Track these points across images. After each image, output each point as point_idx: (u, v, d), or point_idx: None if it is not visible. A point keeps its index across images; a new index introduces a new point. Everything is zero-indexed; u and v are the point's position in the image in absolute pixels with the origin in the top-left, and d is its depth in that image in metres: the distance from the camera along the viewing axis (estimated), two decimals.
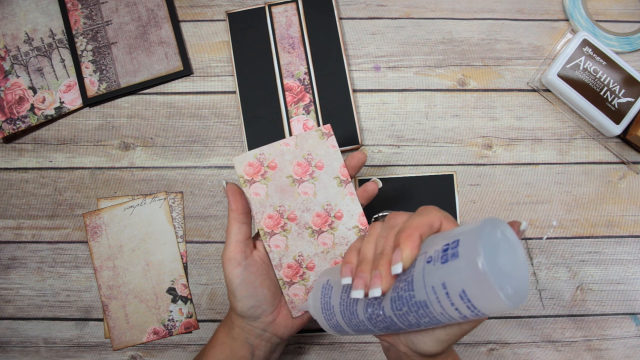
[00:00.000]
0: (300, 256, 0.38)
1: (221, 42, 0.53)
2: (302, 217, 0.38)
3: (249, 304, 0.36)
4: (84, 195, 0.51)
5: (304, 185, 0.38)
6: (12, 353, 0.50)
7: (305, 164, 0.38)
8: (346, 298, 0.30)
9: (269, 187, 0.38)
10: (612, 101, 0.49)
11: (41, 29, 0.52)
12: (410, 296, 0.25)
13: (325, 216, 0.38)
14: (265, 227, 0.38)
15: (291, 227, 0.38)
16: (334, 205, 0.39)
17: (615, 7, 0.54)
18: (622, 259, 0.51)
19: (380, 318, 0.27)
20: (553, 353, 0.50)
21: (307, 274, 0.39)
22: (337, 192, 0.38)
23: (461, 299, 0.22)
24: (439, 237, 0.26)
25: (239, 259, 0.36)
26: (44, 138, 0.52)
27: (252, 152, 0.37)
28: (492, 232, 0.23)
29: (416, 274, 0.25)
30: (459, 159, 0.51)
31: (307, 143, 0.38)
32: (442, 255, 0.24)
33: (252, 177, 0.37)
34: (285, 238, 0.38)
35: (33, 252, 0.50)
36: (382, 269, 0.26)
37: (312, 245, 0.38)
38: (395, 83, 0.52)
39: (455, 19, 0.53)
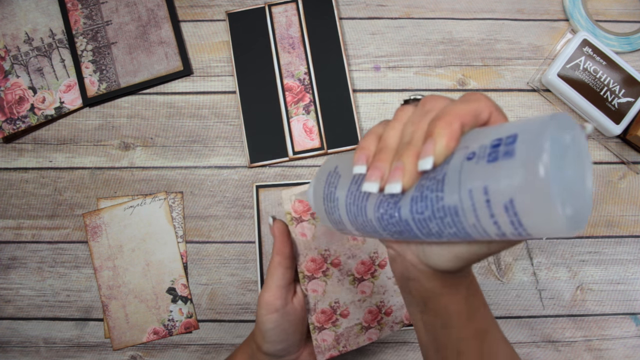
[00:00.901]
0: (336, 303, 0.36)
1: (221, 42, 0.53)
2: (347, 264, 0.36)
3: (277, 347, 0.35)
4: (84, 195, 0.51)
5: None
6: (12, 353, 0.50)
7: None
8: (355, 191, 0.24)
9: (317, 229, 0.34)
10: (612, 101, 0.49)
11: (41, 29, 0.52)
12: (437, 198, 0.20)
13: (369, 264, 0.37)
14: (306, 270, 0.35)
15: (333, 273, 0.36)
16: (381, 253, 0.37)
17: (615, 7, 0.54)
18: (622, 259, 0.51)
19: (394, 220, 0.22)
20: (553, 353, 0.50)
21: (339, 321, 0.37)
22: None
23: (505, 211, 0.17)
24: (487, 130, 0.20)
25: (278, 306, 0.33)
26: (44, 138, 0.52)
27: (305, 187, 0.33)
28: (560, 133, 0.17)
29: (450, 171, 0.19)
30: None
31: None
32: (490, 151, 0.18)
33: (300, 216, 0.34)
34: (325, 283, 0.36)
35: (33, 252, 0.50)
36: (407, 161, 0.20)
37: (351, 293, 0.37)
38: (395, 83, 0.52)
39: (455, 19, 0.53)
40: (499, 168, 0.17)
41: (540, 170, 0.16)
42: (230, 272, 0.50)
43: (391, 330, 0.39)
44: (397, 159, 0.21)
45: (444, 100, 0.22)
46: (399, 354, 0.49)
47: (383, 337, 0.39)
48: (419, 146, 0.20)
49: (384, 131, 0.23)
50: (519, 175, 0.17)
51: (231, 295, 0.50)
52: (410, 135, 0.21)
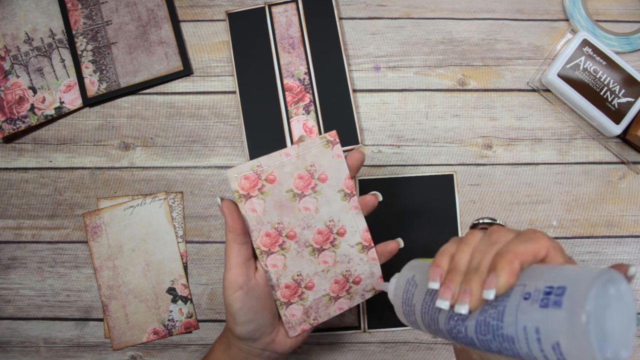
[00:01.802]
0: (299, 276, 0.36)
1: (221, 42, 0.53)
2: (302, 235, 0.35)
3: (250, 328, 0.34)
4: (84, 195, 0.51)
5: (305, 200, 0.35)
6: (12, 353, 0.50)
7: (308, 176, 0.35)
8: (429, 302, 0.28)
9: (267, 203, 0.34)
10: (612, 101, 0.49)
11: (41, 29, 0.52)
12: (497, 326, 0.23)
13: (327, 233, 0.36)
14: (262, 245, 0.35)
15: (290, 246, 0.35)
16: (337, 221, 0.36)
17: (615, 7, 0.54)
18: (622, 259, 0.51)
19: (461, 335, 0.26)
20: None
21: (305, 294, 0.36)
22: (341, 207, 0.36)
23: (553, 350, 0.21)
24: (542, 270, 0.23)
25: (241, 283, 0.33)
26: (44, 138, 0.52)
27: (249, 164, 0.33)
28: (605, 287, 0.21)
29: (509, 306, 0.23)
30: (459, 159, 0.51)
31: (310, 153, 0.35)
32: (542, 297, 0.22)
33: (248, 192, 0.34)
34: (284, 257, 0.35)
35: (33, 252, 0.50)
36: (474, 287, 0.24)
37: (312, 264, 0.36)
38: (395, 83, 0.52)
39: (455, 19, 0.53)
40: (548, 314, 0.21)
41: (583, 325, 0.19)
42: None
43: (362, 299, 0.39)
44: (466, 283, 0.25)
45: (508, 233, 0.26)
46: (399, 354, 0.49)
47: (355, 305, 0.38)
48: (484, 275, 0.24)
49: (456, 252, 0.27)
50: (564, 325, 0.20)
51: None
52: (477, 263, 0.25)
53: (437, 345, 0.50)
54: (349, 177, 0.36)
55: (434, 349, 0.49)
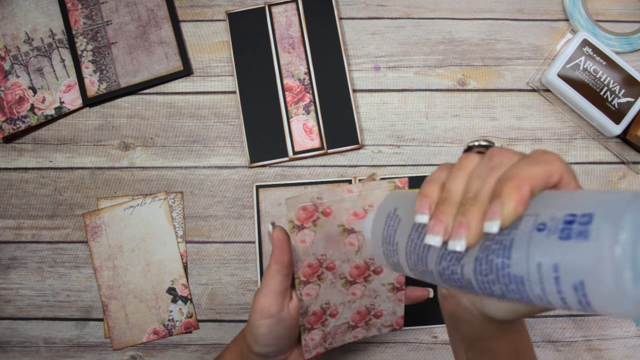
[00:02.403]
0: (327, 304, 0.36)
1: (221, 42, 0.53)
2: (341, 267, 0.35)
3: (269, 350, 0.35)
4: (84, 195, 0.51)
5: (352, 236, 0.35)
6: (12, 353, 0.50)
7: (362, 214, 0.34)
8: (416, 239, 0.23)
9: (317, 235, 0.34)
10: (612, 101, 0.49)
11: (41, 29, 0.52)
12: (503, 265, 0.19)
13: (364, 269, 0.36)
14: (302, 275, 0.34)
15: (327, 277, 0.35)
16: (377, 261, 0.36)
17: (615, 7, 0.54)
18: None
19: (456, 277, 0.21)
20: (553, 353, 0.50)
21: (328, 320, 0.37)
22: None
23: (574, 291, 0.17)
24: (558, 197, 0.19)
25: (273, 312, 0.33)
26: (44, 138, 0.52)
27: (309, 195, 0.33)
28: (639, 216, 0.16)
29: (518, 239, 0.19)
30: None
31: (372, 194, 0.34)
32: (563, 227, 0.17)
33: (302, 223, 0.33)
34: (318, 287, 0.35)
35: (33, 252, 0.50)
36: (472, 219, 0.19)
37: (342, 295, 0.36)
38: (395, 83, 0.52)
39: (455, 19, 0.53)
40: (571, 248, 0.17)
41: (614, 259, 0.15)
42: (230, 272, 0.50)
43: (378, 332, 0.40)
44: (462, 214, 0.20)
45: (513, 155, 0.21)
46: (399, 354, 0.49)
47: (369, 336, 0.39)
48: (485, 205, 0.20)
49: (447, 180, 0.22)
50: (592, 260, 0.16)
51: (231, 295, 0.50)
52: (475, 190, 0.20)
53: (437, 345, 0.50)
54: None
55: (434, 349, 0.49)
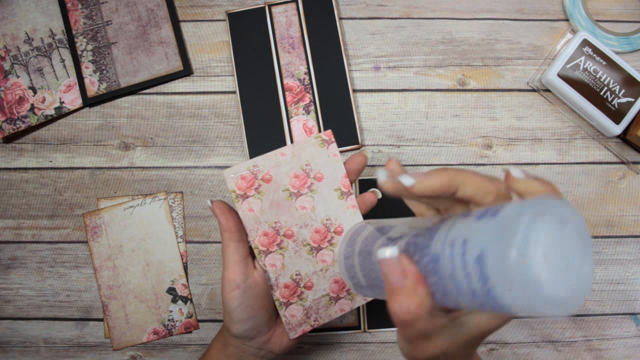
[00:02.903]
0: (297, 275, 0.36)
1: (221, 42, 0.53)
2: (300, 234, 0.36)
3: (246, 326, 0.34)
4: (84, 195, 0.51)
5: (302, 199, 0.35)
6: (12, 353, 0.50)
7: (304, 175, 0.35)
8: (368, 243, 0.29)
9: (264, 202, 0.35)
10: (612, 101, 0.49)
11: (41, 29, 0.52)
12: (425, 244, 0.22)
13: (324, 232, 0.36)
14: (260, 245, 0.35)
15: (288, 245, 0.36)
16: (334, 219, 0.36)
17: (615, 7, 0.54)
18: (622, 259, 0.51)
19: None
20: (553, 353, 0.50)
21: (305, 294, 0.36)
22: (338, 206, 0.36)
23: (476, 264, 0.18)
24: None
25: (238, 281, 0.33)
26: (44, 138, 0.52)
27: (245, 164, 0.34)
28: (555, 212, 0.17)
29: (443, 227, 0.21)
30: (459, 159, 0.51)
31: (305, 152, 0.35)
32: (481, 212, 0.19)
33: (245, 192, 0.34)
34: (282, 256, 0.36)
35: (33, 252, 0.50)
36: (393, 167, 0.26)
37: (311, 263, 0.36)
38: (395, 83, 0.52)
39: (455, 19, 0.53)
40: (480, 225, 0.18)
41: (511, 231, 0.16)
42: None
43: (364, 300, 0.38)
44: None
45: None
46: (399, 354, 0.49)
47: (356, 307, 0.38)
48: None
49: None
50: (493, 233, 0.17)
51: None
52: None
53: None
54: (345, 176, 0.36)
55: None
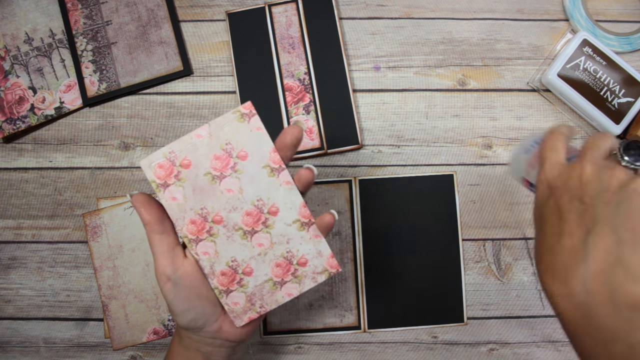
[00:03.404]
0: (234, 261, 0.34)
1: (221, 42, 0.53)
2: (230, 218, 0.34)
3: (188, 317, 0.34)
4: (84, 195, 0.51)
5: (226, 181, 0.33)
6: (12, 353, 0.50)
7: (225, 156, 0.33)
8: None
9: (186, 189, 0.33)
10: (612, 101, 0.49)
11: (41, 29, 0.52)
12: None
13: (256, 214, 0.34)
14: (189, 233, 0.33)
15: (218, 231, 0.34)
16: (267, 199, 0.34)
17: (615, 7, 0.54)
18: None
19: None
20: (553, 353, 0.50)
21: (245, 280, 0.35)
22: (269, 184, 0.34)
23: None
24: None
25: (169, 273, 0.33)
26: (44, 138, 0.52)
27: (161, 151, 0.32)
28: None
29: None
30: (459, 159, 0.51)
31: (223, 130, 0.33)
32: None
33: (165, 180, 0.33)
34: (214, 243, 0.34)
35: (33, 252, 0.50)
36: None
37: (246, 248, 0.34)
38: (395, 83, 0.52)
39: (455, 19, 0.53)
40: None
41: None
42: None
43: (314, 282, 0.36)
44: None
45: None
46: (399, 354, 0.49)
47: (306, 290, 0.36)
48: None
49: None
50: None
51: None
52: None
53: (437, 345, 0.50)
54: (274, 150, 0.33)
55: (434, 349, 0.49)
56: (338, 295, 0.49)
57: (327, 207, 0.50)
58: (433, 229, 0.50)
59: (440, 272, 0.50)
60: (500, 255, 0.50)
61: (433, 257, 0.50)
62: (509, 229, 0.51)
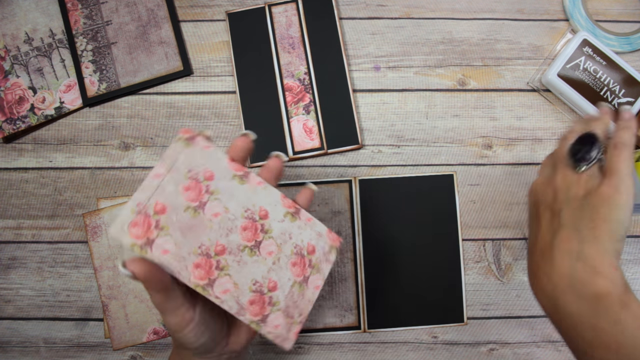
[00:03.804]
0: (256, 283, 0.32)
1: (221, 42, 0.53)
2: (231, 242, 0.32)
3: (198, 346, 0.32)
4: (84, 195, 0.51)
5: (209, 206, 0.31)
6: (12, 353, 0.50)
7: (194, 183, 0.31)
8: None
9: (174, 235, 0.30)
10: (612, 101, 0.49)
11: (41, 29, 0.52)
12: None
13: (252, 224, 0.33)
14: (199, 280, 0.30)
15: (226, 261, 0.31)
16: (252, 206, 0.33)
17: (615, 7, 0.54)
18: (622, 258, 0.51)
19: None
20: (553, 353, 0.50)
21: (274, 296, 0.33)
22: (246, 191, 0.33)
23: None
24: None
25: (188, 319, 0.31)
26: (44, 138, 0.52)
27: (127, 209, 0.28)
28: None
29: None
30: (459, 159, 0.51)
31: (179, 161, 0.31)
32: None
33: (146, 237, 0.29)
34: (229, 276, 0.31)
35: (33, 252, 0.50)
36: None
37: (260, 264, 0.32)
38: (395, 83, 0.52)
39: (455, 19, 0.53)
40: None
41: None
42: None
43: (329, 264, 0.35)
44: None
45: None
46: (398, 354, 0.49)
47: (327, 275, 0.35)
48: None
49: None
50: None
51: None
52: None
53: (437, 345, 0.50)
54: (231, 160, 0.32)
55: (434, 349, 0.49)
56: (338, 295, 0.49)
57: (327, 207, 0.50)
58: (433, 229, 0.50)
59: (440, 272, 0.50)
60: (500, 255, 0.50)
61: (433, 257, 0.50)
62: (509, 229, 0.51)
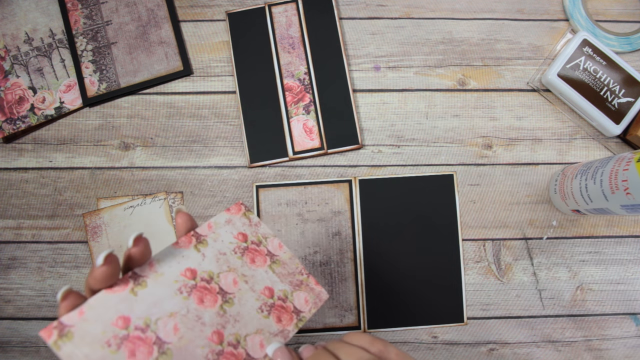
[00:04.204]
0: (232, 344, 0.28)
1: (221, 42, 0.53)
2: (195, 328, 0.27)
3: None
4: (84, 195, 0.51)
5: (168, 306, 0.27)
6: (12, 353, 0.50)
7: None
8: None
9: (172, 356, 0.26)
10: (612, 101, 0.49)
11: (41, 29, 0.52)
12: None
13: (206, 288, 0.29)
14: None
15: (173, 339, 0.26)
16: (200, 271, 0.29)
17: (615, 7, 0.54)
18: (622, 259, 0.51)
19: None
20: (553, 353, 0.50)
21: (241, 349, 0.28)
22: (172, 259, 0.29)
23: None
24: None
25: None
26: (44, 138, 0.52)
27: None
28: None
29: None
30: (459, 159, 0.51)
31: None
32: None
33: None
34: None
35: (33, 252, 0.50)
36: None
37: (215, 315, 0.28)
38: (395, 83, 0.52)
39: (455, 19, 0.53)
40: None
41: None
42: None
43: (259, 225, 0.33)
44: None
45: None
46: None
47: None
48: None
49: None
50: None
51: None
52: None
53: (437, 345, 0.50)
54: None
55: (434, 349, 0.49)
56: (338, 295, 0.50)
57: (327, 206, 0.50)
58: (433, 229, 0.50)
59: (440, 272, 0.50)
60: (500, 255, 0.50)
61: (433, 257, 0.50)
62: (509, 229, 0.51)
